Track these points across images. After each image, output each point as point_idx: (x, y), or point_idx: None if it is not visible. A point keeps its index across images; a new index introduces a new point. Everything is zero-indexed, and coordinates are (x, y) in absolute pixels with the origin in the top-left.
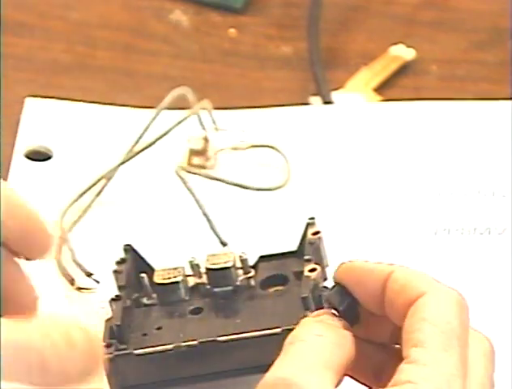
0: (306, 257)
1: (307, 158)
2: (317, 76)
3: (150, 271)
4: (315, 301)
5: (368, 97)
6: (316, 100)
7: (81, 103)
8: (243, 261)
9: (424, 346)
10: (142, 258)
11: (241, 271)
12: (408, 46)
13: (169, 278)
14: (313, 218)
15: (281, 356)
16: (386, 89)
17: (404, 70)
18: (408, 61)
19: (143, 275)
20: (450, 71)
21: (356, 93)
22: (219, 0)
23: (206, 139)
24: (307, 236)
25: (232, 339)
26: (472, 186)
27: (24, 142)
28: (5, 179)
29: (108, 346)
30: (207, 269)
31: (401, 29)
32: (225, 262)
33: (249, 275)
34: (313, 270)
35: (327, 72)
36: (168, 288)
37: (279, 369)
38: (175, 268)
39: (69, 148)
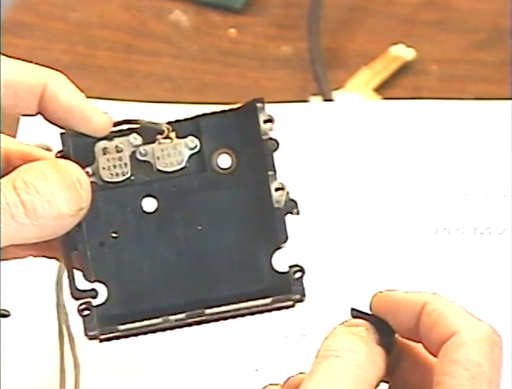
0: (270, 172)
1: (306, 155)
2: (318, 75)
3: (90, 155)
4: (287, 212)
5: (368, 97)
6: (316, 100)
7: None
8: (192, 141)
9: None
10: (79, 144)
11: (184, 148)
12: (408, 46)
13: (117, 174)
14: (262, 100)
15: (314, 372)
16: (386, 89)
17: (404, 70)
18: (408, 61)
19: (88, 169)
20: (450, 71)
21: (356, 93)
22: (219, 0)
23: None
24: (260, 122)
25: (219, 312)
26: (472, 186)
27: (24, 140)
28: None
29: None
30: (158, 170)
31: (401, 29)
32: (179, 161)
33: (195, 149)
34: (280, 189)
35: (327, 72)
36: (116, 184)
37: (312, 386)
38: (119, 158)
39: None
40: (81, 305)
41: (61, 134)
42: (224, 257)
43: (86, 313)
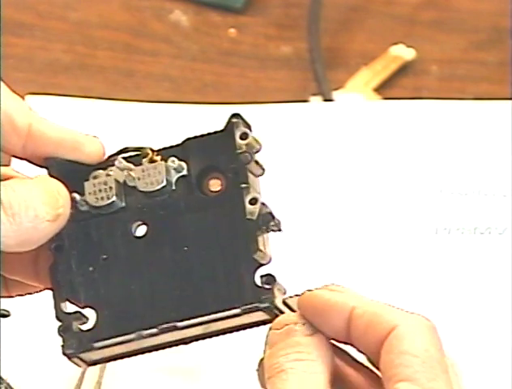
0: (243, 185)
1: (306, 155)
2: (318, 75)
3: (79, 181)
4: (262, 224)
5: (368, 97)
6: (316, 100)
7: (80, 99)
8: (173, 161)
9: (412, 380)
10: (68, 171)
11: (172, 171)
12: (408, 46)
13: (102, 198)
14: (237, 114)
15: None
16: (386, 89)
17: (404, 70)
18: (408, 61)
19: (75, 195)
20: (450, 71)
21: (356, 93)
22: (219, 0)
23: None
24: (236, 137)
25: (193, 324)
26: (472, 186)
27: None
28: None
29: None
30: (142, 191)
31: (401, 29)
32: (159, 180)
33: (183, 172)
34: (254, 201)
35: (327, 72)
36: (102, 208)
37: None
38: (105, 182)
39: None
40: (61, 326)
41: (47, 158)
42: (208, 276)
43: (66, 333)
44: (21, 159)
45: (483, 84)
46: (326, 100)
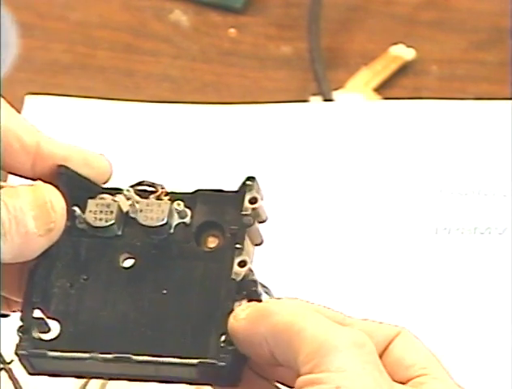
0: (238, 245)
1: (306, 155)
2: (318, 75)
3: (84, 197)
4: (243, 289)
5: (368, 97)
6: (316, 100)
7: (80, 99)
8: (179, 204)
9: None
10: (75, 184)
11: (175, 214)
12: (408, 46)
13: (101, 220)
14: (253, 178)
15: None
16: (386, 89)
17: (404, 70)
18: (408, 61)
19: (76, 208)
20: (450, 71)
21: (356, 93)
22: (219, 0)
23: None
24: (245, 200)
25: (147, 361)
26: (472, 186)
27: None
28: (4, 179)
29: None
30: (140, 224)
31: (401, 29)
32: (160, 218)
33: (185, 219)
34: (242, 264)
35: (327, 72)
36: (98, 230)
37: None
38: (108, 205)
39: None
40: (22, 326)
41: (60, 166)
42: (177, 323)
43: (24, 334)
44: (31, 179)
45: (483, 84)
46: (326, 100)
